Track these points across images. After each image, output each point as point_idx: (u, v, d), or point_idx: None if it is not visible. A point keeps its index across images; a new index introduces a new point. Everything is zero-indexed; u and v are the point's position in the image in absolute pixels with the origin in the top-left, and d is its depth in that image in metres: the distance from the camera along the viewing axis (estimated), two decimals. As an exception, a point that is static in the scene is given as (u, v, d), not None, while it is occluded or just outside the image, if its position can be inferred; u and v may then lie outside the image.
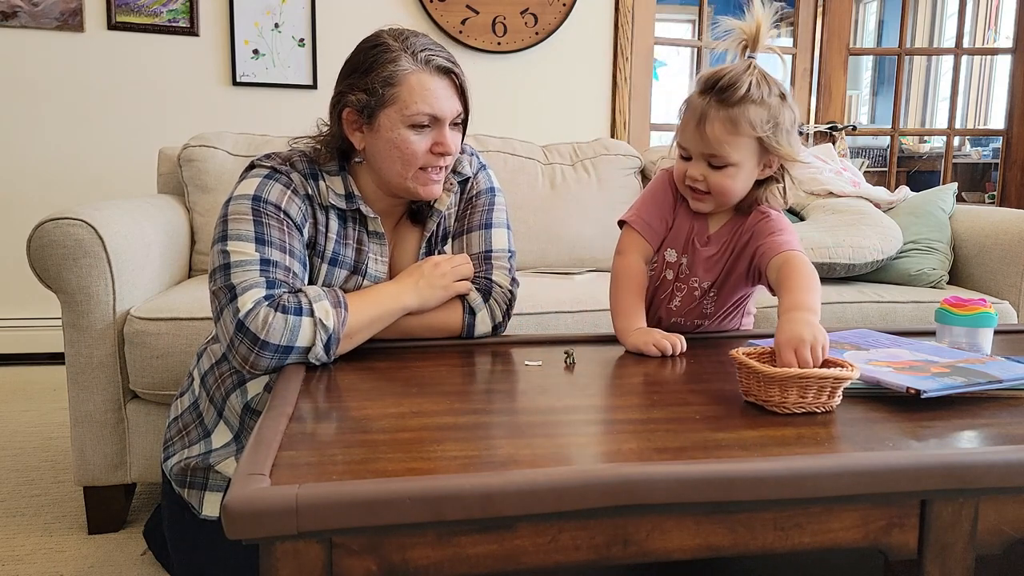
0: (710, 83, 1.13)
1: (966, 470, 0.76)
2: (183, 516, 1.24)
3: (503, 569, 0.71)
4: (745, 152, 1.15)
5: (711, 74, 1.14)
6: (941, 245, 2.11)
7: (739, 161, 1.15)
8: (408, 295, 1.20)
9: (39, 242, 1.47)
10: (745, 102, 1.11)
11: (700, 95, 1.15)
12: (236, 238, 1.14)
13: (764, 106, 1.12)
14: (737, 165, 1.15)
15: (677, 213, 1.28)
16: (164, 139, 2.63)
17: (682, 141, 1.19)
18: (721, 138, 1.13)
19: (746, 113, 1.12)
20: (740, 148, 1.14)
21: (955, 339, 1.23)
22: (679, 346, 1.16)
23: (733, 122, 1.12)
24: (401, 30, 1.21)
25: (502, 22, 2.99)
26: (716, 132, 1.13)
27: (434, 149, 1.20)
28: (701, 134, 1.14)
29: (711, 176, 1.17)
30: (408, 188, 1.22)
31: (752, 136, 1.13)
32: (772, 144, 1.14)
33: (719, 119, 1.12)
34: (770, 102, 1.13)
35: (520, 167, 2.31)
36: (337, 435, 0.83)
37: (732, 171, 1.16)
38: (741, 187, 1.19)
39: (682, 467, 0.73)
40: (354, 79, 1.18)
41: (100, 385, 1.53)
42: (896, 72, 3.47)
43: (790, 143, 1.16)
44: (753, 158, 1.16)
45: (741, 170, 1.16)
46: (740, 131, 1.12)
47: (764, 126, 1.13)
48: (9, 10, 2.68)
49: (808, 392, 0.90)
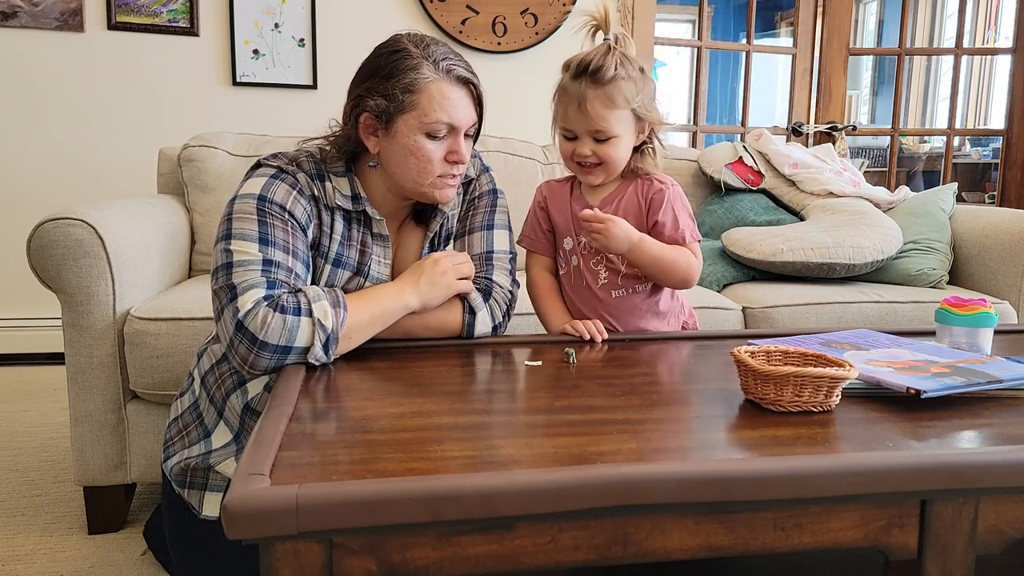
0: (581, 68, 1.26)
1: (966, 470, 0.76)
2: (183, 516, 1.24)
3: (503, 569, 0.71)
4: (624, 123, 1.29)
5: (579, 60, 1.27)
6: (941, 245, 2.11)
7: (620, 132, 1.29)
8: (409, 293, 1.20)
9: (39, 242, 1.47)
10: (616, 80, 1.25)
11: (573, 80, 1.27)
12: (239, 237, 1.14)
13: (631, 81, 1.26)
14: (619, 136, 1.29)
15: (551, 212, 1.43)
16: (164, 139, 2.63)
17: (565, 124, 1.31)
18: (602, 113, 1.26)
19: (619, 88, 1.25)
20: (619, 120, 1.28)
21: (955, 339, 1.23)
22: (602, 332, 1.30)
23: (610, 98, 1.25)
24: (422, 36, 1.21)
25: (502, 22, 2.99)
26: (597, 109, 1.26)
27: (449, 158, 1.21)
28: (584, 114, 1.26)
29: (599, 149, 1.29)
30: (425, 193, 1.24)
31: (627, 108, 1.27)
32: (643, 112, 1.29)
33: (597, 97, 1.25)
34: (635, 76, 1.27)
35: (520, 167, 2.31)
36: (337, 435, 0.83)
37: (615, 141, 1.29)
38: (624, 154, 1.32)
39: (682, 467, 0.73)
40: (373, 83, 1.18)
41: (100, 385, 1.53)
42: (896, 72, 3.47)
43: (656, 110, 1.32)
44: (630, 126, 1.30)
45: (622, 139, 1.30)
46: (617, 104, 1.26)
47: (635, 98, 1.27)
48: (9, 10, 2.68)
49: (804, 390, 0.91)
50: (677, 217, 1.33)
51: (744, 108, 3.40)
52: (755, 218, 2.30)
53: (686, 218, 1.35)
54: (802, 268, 2.00)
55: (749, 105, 3.40)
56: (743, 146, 2.52)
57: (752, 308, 1.87)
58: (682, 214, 1.34)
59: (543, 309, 1.41)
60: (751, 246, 2.06)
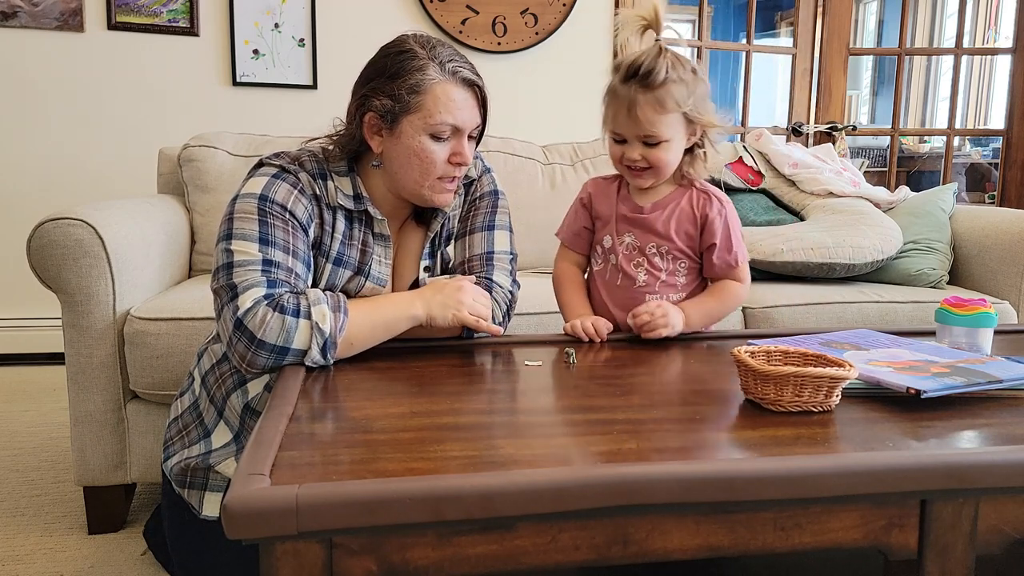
0: (631, 71, 1.23)
1: (966, 470, 0.76)
2: (183, 516, 1.24)
3: (503, 569, 0.71)
4: (675, 127, 1.26)
5: (629, 63, 1.24)
6: (941, 245, 2.11)
7: (671, 136, 1.26)
8: (418, 305, 1.19)
9: (39, 242, 1.47)
10: (666, 83, 1.22)
11: (623, 83, 1.24)
12: (240, 237, 1.14)
13: (682, 83, 1.23)
14: (670, 140, 1.26)
15: (594, 208, 1.41)
16: (164, 139, 2.63)
17: (615, 127, 1.29)
18: (652, 119, 1.23)
19: (669, 92, 1.22)
20: (670, 124, 1.25)
21: (955, 339, 1.23)
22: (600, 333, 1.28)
23: (660, 102, 1.23)
24: (428, 37, 1.21)
25: (502, 22, 2.99)
26: (647, 114, 1.23)
27: (452, 159, 1.21)
28: (634, 119, 1.24)
29: (648, 154, 1.27)
30: (423, 196, 1.23)
31: (678, 111, 1.24)
32: (695, 115, 1.26)
33: (647, 102, 1.23)
34: (686, 79, 1.24)
35: (520, 167, 2.31)
36: (337, 435, 0.83)
37: (666, 145, 1.27)
38: (675, 157, 1.30)
39: (682, 467, 0.73)
40: (379, 83, 1.18)
41: (100, 385, 1.53)
42: (896, 72, 3.47)
43: (709, 111, 1.29)
44: (681, 130, 1.28)
45: (673, 143, 1.27)
46: (668, 109, 1.23)
47: (687, 101, 1.24)
48: (9, 10, 2.68)
49: (804, 390, 0.91)
50: (731, 241, 1.33)
51: (744, 108, 3.40)
52: (755, 218, 2.30)
53: (739, 240, 1.35)
54: (802, 268, 2.00)
55: (749, 105, 3.40)
56: (743, 146, 2.52)
57: (752, 308, 1.87)
58: (736, 236, 1.34)
59: (565, 300, 1.41)
60: (751, 246, 2.06)
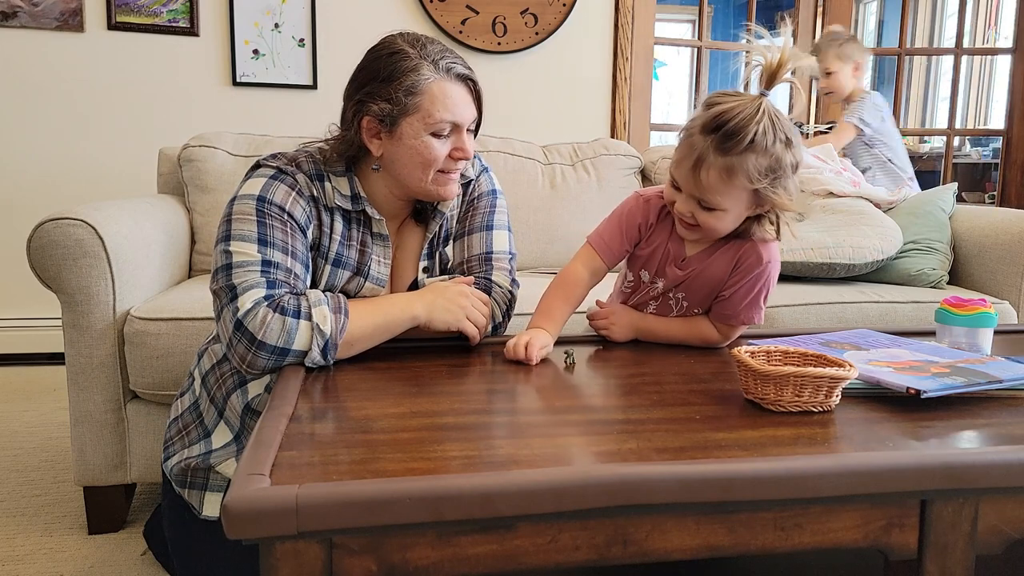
0: (715, 125, 1.06)
1: (966, 470, 0.76)
2: (183, 516, 1.24)
3: (503, 569, 0.71)
4: (737, 199, 1.11)
5: (719, 113, 1.07)
6: (941, 245, 2.11)
7: (729, 208, 1.12)
8: (418, 307, 1.19)
9: (39, 242, 1.47)
10: (747, 152, 1.06)
11: (702, 134, 1.08)
12: (239, 238, 1.14)
13: (766, 155, 1.07)
14: (727, 211, 1.12)
15: (651, 236, 1.26)
16: (164, 139, 2.63)
17: (675, 174, 1.14)
18: (715, 187, 1.09)
19: (745, 164, 1.06)
20: (732, 197, 1.11)
21: (955, 339, 1.23)
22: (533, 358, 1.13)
23: (730, 172, 1.07)
24: (416, 36, 1.21)
25: (502, 22, 2.99)
26: (711, 180, 1.08)
27: (454, 154, 1.21)
28: (695, 177, 1.09)
29: (699, 214, 1.13)
30: (428, 190, 1.23)
31: (747, 188, 1.09)
32: (767, 194, 1.11)
33: (716, 167, 1.07)
34: (773, 151, 1.07)
35: (520, 167, 2.31)
36: (337, 435, 0.83)
37: (721, 214, 1.13)
38: (727, 227, 1.16)
39: (682, 467, 0.73)
40: (374, 87, 1.17)
41: (100, 385, 1.53)
42: (896, 72, 3.47)
43: (787, 190, 1.12)
44: (743, 204, 1.13)
45: (730, 213, 1.13)
46: (735, 183, 1.08)
47: (762, 178, 1.08)
48: (9, 10, 2.68)
49: (804, 390, 0.91)
50: (754, 300, 1.21)
51: (744, 108, 3.40)
52: (755, 218, 2.30)
53: (758, 307, 1.22)
54: (802, 268, 2.00)
55: (749, 105, 3.40)
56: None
57: (752, 308, 1.87)
58: (755, 304, 1.22)
59: (544, 304, 1.26)
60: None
